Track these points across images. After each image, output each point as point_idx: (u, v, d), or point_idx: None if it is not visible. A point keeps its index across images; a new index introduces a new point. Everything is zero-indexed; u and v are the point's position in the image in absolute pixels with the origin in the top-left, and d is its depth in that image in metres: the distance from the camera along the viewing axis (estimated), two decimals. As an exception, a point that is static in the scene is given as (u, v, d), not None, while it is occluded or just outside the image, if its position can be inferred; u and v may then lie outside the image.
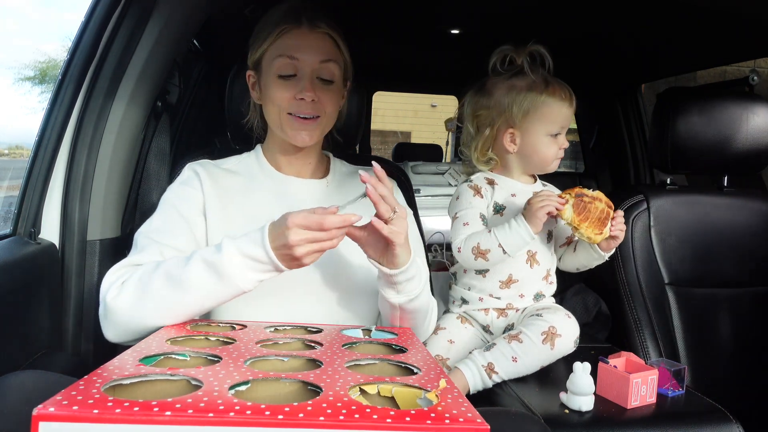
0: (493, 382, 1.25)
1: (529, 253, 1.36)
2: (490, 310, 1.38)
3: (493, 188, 1.39)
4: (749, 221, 1.69)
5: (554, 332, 1.24)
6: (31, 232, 1.24)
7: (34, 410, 0.55)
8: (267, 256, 0.92)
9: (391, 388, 0.72)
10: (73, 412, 0.55)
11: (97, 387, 0.62)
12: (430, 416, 0.60)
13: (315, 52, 1.14)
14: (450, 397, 0.67)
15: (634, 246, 1.62)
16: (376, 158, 1.62)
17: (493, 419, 0.85)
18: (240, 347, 0.84)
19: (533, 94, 1.32)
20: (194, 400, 0.59)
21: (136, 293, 0.97)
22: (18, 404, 0.72)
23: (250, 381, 0.69)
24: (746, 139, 1.65)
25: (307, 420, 0.56)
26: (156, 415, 0.55)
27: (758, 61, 3.77)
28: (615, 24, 1.83)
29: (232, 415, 0.56)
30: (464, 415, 0.61)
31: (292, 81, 1.15)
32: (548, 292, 1.41)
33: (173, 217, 1.12)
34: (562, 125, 1.35)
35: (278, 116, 1.17)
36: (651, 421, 1.10)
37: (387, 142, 11.59)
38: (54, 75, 13.89)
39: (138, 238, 1.10)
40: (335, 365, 0.76)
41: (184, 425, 0.55)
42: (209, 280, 0.94)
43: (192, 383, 0.67)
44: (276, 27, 1.14)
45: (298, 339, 0.92)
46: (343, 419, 0.57)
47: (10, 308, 1.11)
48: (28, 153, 1.31)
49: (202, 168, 1.20)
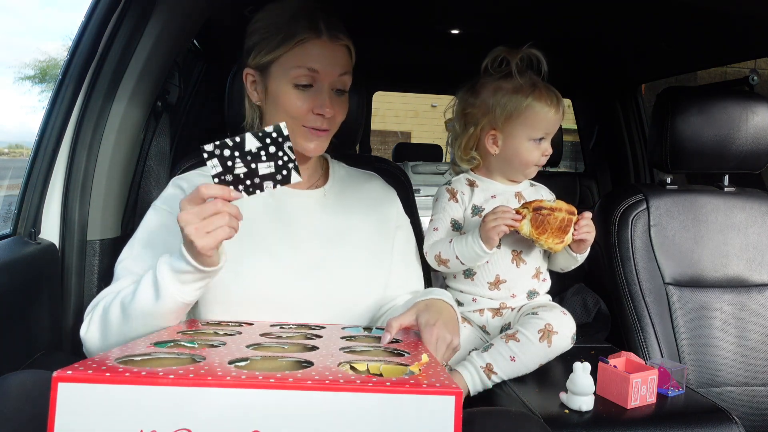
0: (492, 382, 1.25)
1: (514, 253, 1.36)
2: (485, 310, 1.37)
3: (473, 190, 1.39)
4: (749, 221, 1.69)
5: (551, 329, 1.24)
6: (31, 232, 1.24)
7: (54, 372, 0.61)
8: (184, 260, 0.90)
9: (380, 365, 0.76)
10: (88, 375, 0.62)
11: (111, 358, 0.69)
12: (409, 382, 0.65)
13: (335, 66, 1.11)
14: (432, 370, 0.72)
15: (634, 246, 1.62)
16: (376, 158, 1.62)
17: (493, 419, 0.86)
18: (245, 337, 0.88)
19: (518, 97, 1.31)
20: (196, 368, 0.66)
21: (100, 327, 1.00)
22: (18, 404, 0.73)
23: (249, 358, 0.75)
24: (746, 139, 1.65)
25: (296, 383, 0.62)
26: (161, 378, 0.62)
27: (758, 61, 3.77)
28: (615, 24, 1.84)
29: (229, 379, 0.62)
30: (441, 381, 0.66)
31: (309, 92, 1.10)
32: (542, 289, 1.41)
33: (152, 245, 1.09)
34: (546, 131, 1.34)
35: (290, 125, 1.14)
36: (651, 421, 1.10)
37: (387, 142, 11.60)
38: (54, 74, 13.89)
39: (117, 267, 1.10)
40: (330, 349, 0.81)
41: (185, 386, 0.61)
42: (151, 298, 0.95)
43: (196, 360, 0.73)
44: (294, 35, 1.08)
45: (300, 333, 0.95)
46: (328, 383, 0.63)
47: (10, 308, 1.11)
48: (28, 152, 1.31)
49: (186, 184, 1.16)
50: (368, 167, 1.40)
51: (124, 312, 0.97)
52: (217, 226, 0.87)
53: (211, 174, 0.88)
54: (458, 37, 2.16)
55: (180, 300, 0.94)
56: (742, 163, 1.68)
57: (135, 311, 0.95)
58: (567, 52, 2.27)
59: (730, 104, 1.65)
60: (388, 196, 1.31)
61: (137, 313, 0.95)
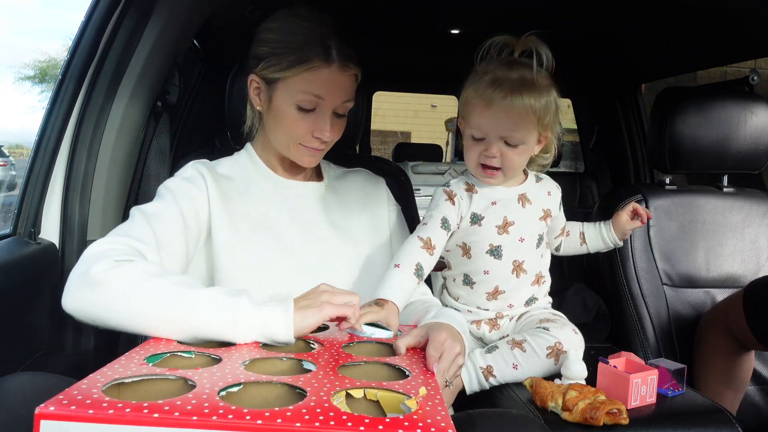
0: (490, 384, 1.23)
1: (515, 264, 1.29)
2: (482, 323, 1.33)
3: (472, 196, 1.28)
4: (747, 221, 1.69)
5: (560, 348, 1.20)
6: (31, 232, 1.24)
7: (36, 409, 0.59)
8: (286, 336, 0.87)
9: (377, 392, 0.74)
10: (71, 412, 0.60)
11: (98, 387, 0.67)
12: (403, 425, 0.62)
13: (341, 94, 1.12)
14: (429, 405, 0.69)
15: (633, 246, 1.62)
16: (376, 158, 1.62)
17: (494, 421, 0.86)
18: (242, 348, 0.86)
19: (472, 86, 1.20)
20: (182, 403, 0.64)
21: (133, 282, 0.87)
22: (17, 406, 0.72)
23: (242, 383, 0.72)
24: (745, 139, 1.65)
25: (285, 425, 0.60)
26: (144, 417, 0.60)
27: (758, 61, 3.78)
28: (615, 24, 1.84)
29: (215, 419, 0.61)
30: (437, 424, 0.63)
31: (311, 115, 1.12)
32: (541, 293, 1.36)
33: (171, 210, 1.06)
34: (487, 132, 1.20)
35: (287, 142, 1.15)
36: (651, 421, 1.10)
37: (387, 142, 11.59)
38: (54, 74, 13.89)
39: (134, 213, 1.04)
40: (327, 369, 0.79)
41: (169, 427, 0.60)
42: (217, 312, 0.87)
43: (188, 383, 0.71)
44: (305, 60, 1.08)
45: (301, 339, 0.93)
46: (318, 425, 0.61)
47: (10, 308, 1.11)
48: (28, 152, 1.31)
49: (206, 170, 1.15)
50: (368, 167, 1.40)
51: (177, 290, 0.88)
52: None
53: None
54: (458, 37, 2.16)
55: (237, 338, 0.87)
56: (740, 164, 1.68)
57: (195, 299, 0.87)
58: (567, 52, 2.26)
59: (728, 105, 1.65)
60: (378, 185, 1.35)
61: (195, 303, 0.87)
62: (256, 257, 1.10)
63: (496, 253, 1.28)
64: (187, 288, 0.89)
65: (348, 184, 1.31)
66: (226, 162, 1.22)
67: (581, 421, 1.04)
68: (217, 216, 1.11)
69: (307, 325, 0.87)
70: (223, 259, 1.09)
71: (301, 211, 1.20)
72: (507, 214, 1.28)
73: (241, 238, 1.11)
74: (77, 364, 1.25)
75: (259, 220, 1.14)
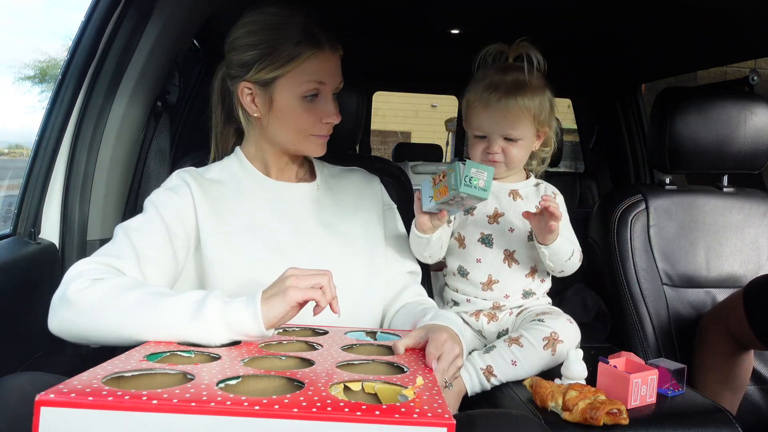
0: (492, 384, 1.24)
1: (506, 253, 1.34)
2: (481, 315, 1.36)
3: None
4: (747, 221, 1.69)
5: (556, 338, 1.22)
6: (31, 232, 1.24)
7: (36, 396, 0.60)
8: (255, 325, 0.86)
9: (374, 385, 0.74)
10: (71, 399, 0.61)
11: (98, 378, 0.67)
12: (400, 411, 0.62)
13: (338, 75, 1.17)
14: (427, 395, 0.69)
15: (633, 246, 1.62)
16: (376, 158, 1.62)
17: (494, 421, 0.86)
18: (242, 347, 0.86)
19: (472, 91, 1.30)
20: (181, 391, 0.64)
21: (104, 298, 0.89)
22: (16, 406, 0.72)
23: (240, 376, 0.73)
24: (744, 139, 1.65)
25: (282, 411, 0.60)
26: (144, 403, 0.60)
27: (758, 61, 3.78)
28: (615, 24, 1.84)
29: (213, 405, 0.61)
30: (434, 411, 0.63)
31: (315, 103, 1.14)
32: (540, 290, 1.38)
33: (155, 222, 1.07)
34: (488, 131, 1.30)
35: (298, 137, 1.16)
36: (651, 421, 1.10)
37: (387, 142, 11.59)
38: (54, 74, 13.88)
39: (117, 231, 1.06)
40: (326, 365, 0.79)
41: (168, 413, 0.60)
42: (185, 316, 0.87)
43: (187, 377, 0.72)
44: (300, 53, 1.10)
45: (301, 341, 0.93)
46: (315, 411, 0.61)
47: (10, 308, 1.11)
48: (28, 152, 1.31)
49: (190, 177, 1.15)
50: (368, 167, 1.40)
51: (146, 301, 0.89)
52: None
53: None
54: (458, 37, 2.16)
55: (211, 340, 0.86)
56: (740, 164, 1.68)
57: (162, 307, 0.88)
58: (567, 52, 2.27)
59: (728, 105, 1.65)
60: (372, 184, 1.35)
61: (163, 310, 0.87)
62: (246, 259, 1.10)
63: (486, 242, 1.34)
64: (158, 297, 0.89)
65: (342, 182, 1.31)
66: (216, 167, 1.22)
67: (581, 421, 1.04)
68: (204, 221, 1.11)
69: (276, 314, 0.85)
70: (213, 263, 1.09)
71: (293, 212, 1.20)
72: (497, 205, 1.35)
73: (230, 241, 1.11)
74: (77, 364, 1.25)
75: (249, 222, 1.14)
